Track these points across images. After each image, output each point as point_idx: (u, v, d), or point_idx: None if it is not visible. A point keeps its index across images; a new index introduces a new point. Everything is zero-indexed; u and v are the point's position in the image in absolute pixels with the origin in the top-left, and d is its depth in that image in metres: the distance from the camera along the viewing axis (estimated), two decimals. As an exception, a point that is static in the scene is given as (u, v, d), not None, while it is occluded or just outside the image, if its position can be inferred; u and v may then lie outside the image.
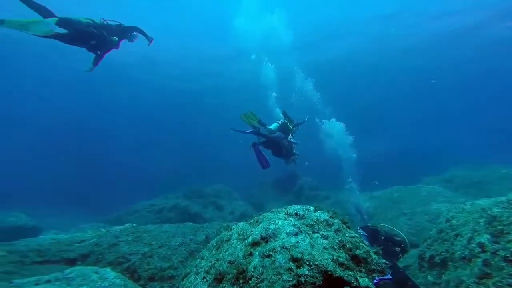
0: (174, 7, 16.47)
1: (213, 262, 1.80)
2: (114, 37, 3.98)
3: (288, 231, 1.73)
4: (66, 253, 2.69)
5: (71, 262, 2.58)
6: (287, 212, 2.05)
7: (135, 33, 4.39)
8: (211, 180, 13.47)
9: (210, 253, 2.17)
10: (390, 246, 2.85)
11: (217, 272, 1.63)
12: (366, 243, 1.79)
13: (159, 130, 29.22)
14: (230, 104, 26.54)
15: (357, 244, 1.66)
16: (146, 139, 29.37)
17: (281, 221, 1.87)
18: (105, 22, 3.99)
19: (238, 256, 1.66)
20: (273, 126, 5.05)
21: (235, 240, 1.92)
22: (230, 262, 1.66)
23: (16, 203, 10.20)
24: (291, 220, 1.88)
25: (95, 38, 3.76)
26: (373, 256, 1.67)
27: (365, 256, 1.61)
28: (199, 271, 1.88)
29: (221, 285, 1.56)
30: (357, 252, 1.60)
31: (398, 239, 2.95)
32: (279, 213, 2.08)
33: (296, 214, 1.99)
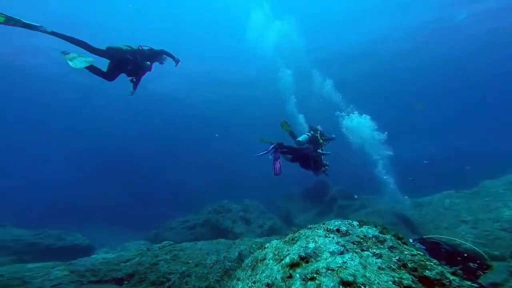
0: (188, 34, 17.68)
1: (250, 285, 1.76)
2: (147, 62, 4.36)
3: (331, 250, 1.58)
4: (115, 272, 2.93)
5: (120, 281, 2.80)
6: (327, 228, 1.88)
7: (164, 56, 4.76)
8: (237, 195, 13.62)
9: (245, 274, 2.13)
10: (461, 261, 2.37)
11: None
12: (435, 261, 1.51)
13: (185, 149, 31.29)
14: (251, 117, 27.48)
15: (423, 263, 1.41)
16: (176, 159, 31.51)
17: (321, 239, 1.73)
18: (140, 48, 4.31)
19: (276, 278, 1.57)
20: (302, 137, 5.00)
21: (271, 261, 1.82)
22: (268, 285, 1.59)
23: (69, 223, 11.54)
24: (332, 238, 1.72)
25: (130, 64, 4.11)
26: (451, 277, 1.37)
27: (439, 277, 1.32)
28: None
29: (262, 309, 1.48)
30: (427, 273, 1.33)
31: (469, 252, 2.44)
32: (318, 229, 1.92)
33: (338, 230, 1.82)
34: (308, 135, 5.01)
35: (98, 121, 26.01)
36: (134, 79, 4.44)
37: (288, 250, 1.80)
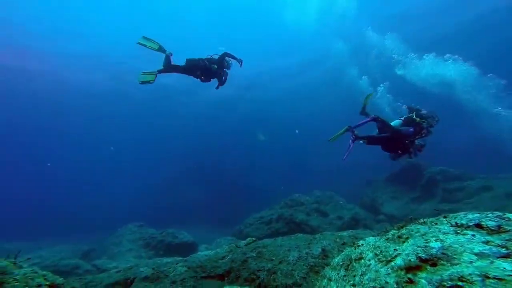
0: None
1: (348, 287, 1.68)
2: (214, 65, 5.16)
3: (476, 251, 1.23)
4: (216, 269, 3.51)
5: (221, 277, 3.34)
6: (456, 223, 1.49)
7: (227, 58, 5.38)
8: (310, 187, 13.38)
9: (338, 274, 2.05)
10: None
11: None
12: None
13: (257, 148, 34.08)
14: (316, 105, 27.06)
15: None
16: (251, 157, 34.81)
17: (451, 237, 1.38)
18: (209, 56, 5.23)
19: (387, 283, 1.36)
20: (394, 122, 4.74)
21: (373, 261, 1.58)
22: None
23: (170, 222, 14.40)
24: (472, 236, 1.34)
25: (200, 69, 5.05)
26: None
27: None
28: None
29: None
30: None
31: None
32: (438, 224, 1.55)
33: (479, 225, 1.42)
34: (401, 119, 4.80)
35: (183, 127, 30.92)
36: (204, 80, 5.35)
37: (396, 250, 1.48)
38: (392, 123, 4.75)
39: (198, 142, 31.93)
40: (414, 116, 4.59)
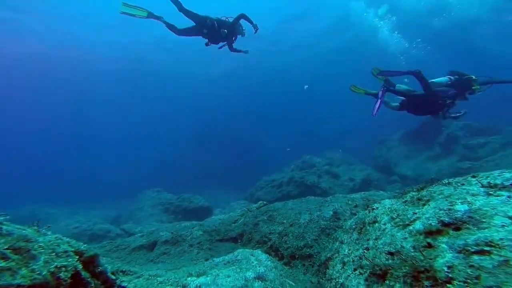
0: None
1: (361, 251, 1.65)
2: (224, 30, 4.92)
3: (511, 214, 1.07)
4: (230, 232, 3.72)
5: (235, 240, 3.55)
6: (489, 183, 1.31)
7: (242, 22, 5.04)
8: (321, 149, 13.29)
9: (350, 237, 2.02)
10: None
11: (375, 265, 1.38)
12: None
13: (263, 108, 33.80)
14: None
15: None
16: (258, 119, 35.01)
17: (481, 199, 1.22)
18: (221, 18, 5.07)
19: (403, 247, 1.29)
20: (439, 80, 4.41)
21: (388, 225, 1.51)
22: (390, 253, 1.35)
23: (188, 186, 15.39)
24: (508, 197, 1.17)
25: (206, 28, 4.88)
26: None
27: None
28: (345, 260, 1.68)
29: (386, 282, 1.29)
30: None
31: None
32: (466, 184, 1.39)
33: None
34: (450, 78, 4.47)
35: (196, 94, 30.89)
36: (209, 43, 5.20)
37: (416, 213, 1.40)
38: (436, 80, 4.44)
39: (211, 108, 31.94)
40: (475, 84, 4.24)
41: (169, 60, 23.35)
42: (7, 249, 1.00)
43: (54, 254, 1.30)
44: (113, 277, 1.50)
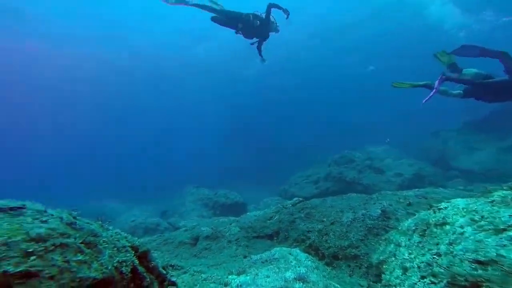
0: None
1: (429, 257, 1.38)
2: (256, 21, 5.07)
3: None
4: (265, 229, 3.66)
5: (270, 237, 3.48)
6: None
7: (276, 23, 5.14)
8: (361, 143, 12.23)
9: (409, 240, 1.73)
10: None
11: (455, 275, 1.18)
12: None
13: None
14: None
15: None
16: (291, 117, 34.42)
17: None
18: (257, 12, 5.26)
19: (502, 256, 1.08)
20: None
21: (469, 228, 1.30)
22: (479, 262, 1.15)
23: (222, 183, 15.92)
24: None
25: (241, 22, 5.05)
26: None
27: None
28: (406, 265, 1.52)
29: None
30: None
31: None
32: None
33: None
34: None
35: (229, 89, 31.35)
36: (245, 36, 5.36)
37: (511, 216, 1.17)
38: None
39: (244, 105, 32.31)
40: None
41: (206, 56, 23.86)
42: (81, 243, 1.07)
43: (116, 248, 1.39)
44: (164, 271, 1.56)
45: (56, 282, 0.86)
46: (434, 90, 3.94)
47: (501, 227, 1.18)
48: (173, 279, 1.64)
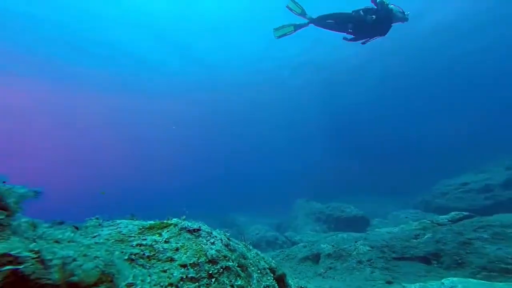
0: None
1: None
2: (371, 16, 4.26)
3: None
4: (411, 250, 2.71)
5: (424, 260, 2.49)
6: None
7: (402, 11, 4.27)
8: None
9: None
10: None
11: None
12: None
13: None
14: None
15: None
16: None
17: None
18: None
19: None
20: None
21: None
22: None
23: (334, 195, 14.27)
24: None
25: (352, 22, 4.35)
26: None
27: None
28: None
29: None
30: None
31: None
32: None
33: None
34: None
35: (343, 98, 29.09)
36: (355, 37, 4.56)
37: None
38: None
39: (352, 112, 29.30)
40: None
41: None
42: (238, 266, 1.14)
43: (259, 271, 1.46)
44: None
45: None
46: None
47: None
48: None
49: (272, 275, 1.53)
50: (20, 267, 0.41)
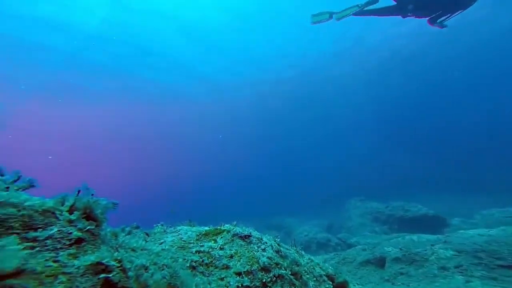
0: None
1: None
2: None
3: None
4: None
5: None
6: None
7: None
8: None
9: None
10: None
11: None
12: None
13: None
14: None
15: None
16: None
17: None
18: None
19: None
20: None
21: None
22: None
23: (392, 194, 12.42)
24: None
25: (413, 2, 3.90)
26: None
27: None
28: None
29: None
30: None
31: None
32: None
33: None
34: None
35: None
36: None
37: None
38: None
39: (413, 107, 25.57)
40: None
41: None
42: (291, 274, 1.12)
43: (315, 278, 1.41)
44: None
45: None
46: None
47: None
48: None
49: (330, 282, 1.43)
50: (110, 275, 0.50)
